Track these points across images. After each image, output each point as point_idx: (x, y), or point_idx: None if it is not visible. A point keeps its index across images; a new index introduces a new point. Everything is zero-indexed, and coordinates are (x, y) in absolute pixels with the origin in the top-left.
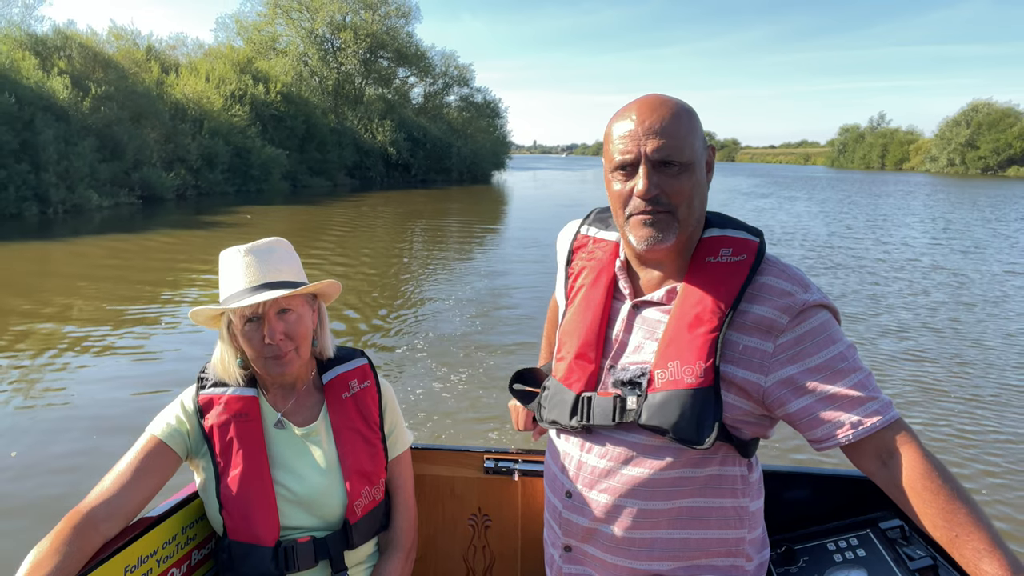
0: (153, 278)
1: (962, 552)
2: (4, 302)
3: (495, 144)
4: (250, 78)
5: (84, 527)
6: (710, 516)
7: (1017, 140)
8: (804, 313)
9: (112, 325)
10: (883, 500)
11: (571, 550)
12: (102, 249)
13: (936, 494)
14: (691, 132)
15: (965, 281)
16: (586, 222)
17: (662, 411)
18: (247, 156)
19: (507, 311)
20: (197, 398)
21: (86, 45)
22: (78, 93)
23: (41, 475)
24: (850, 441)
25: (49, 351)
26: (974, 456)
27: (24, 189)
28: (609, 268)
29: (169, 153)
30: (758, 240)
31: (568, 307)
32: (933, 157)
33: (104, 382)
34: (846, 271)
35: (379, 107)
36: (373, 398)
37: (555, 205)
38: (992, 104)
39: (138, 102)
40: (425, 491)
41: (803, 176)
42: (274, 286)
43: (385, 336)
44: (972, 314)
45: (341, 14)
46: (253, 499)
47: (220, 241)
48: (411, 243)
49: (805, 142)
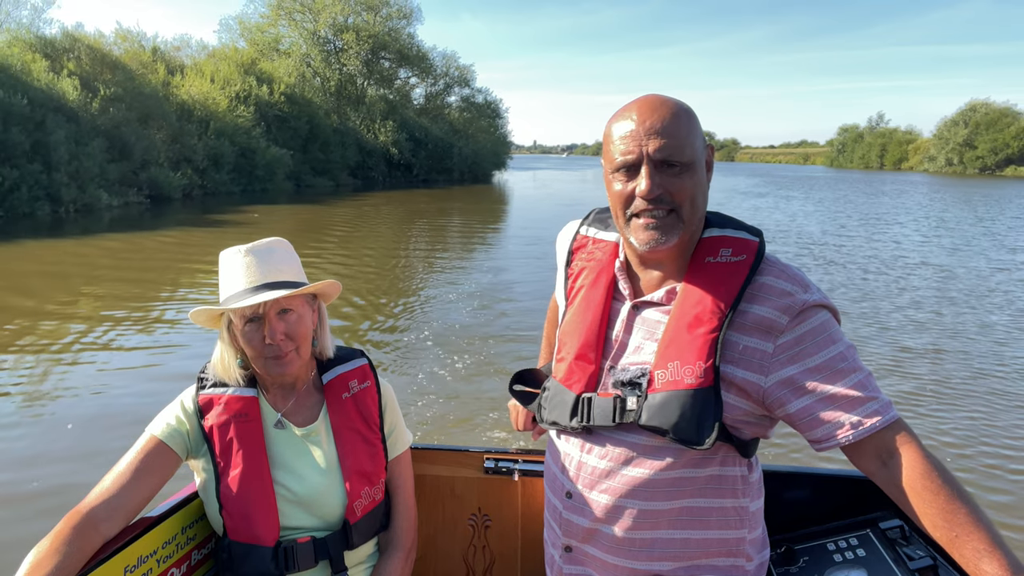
0: (169, 277)
1: (962, 552)
2: (25, 299)
3: (496, 144)
4: (254, 79)
5: (84, 527)
6: (710, 516)
7: (1014, 140)
8: (804, 313)
9: (128, 321)
10: (883, 500)
11: (571, 551)
12: (120, 244)
13: (936, 494)
14: (691, 132)
15: (950, 276)
16: (585, 222)
17: (662, 412)
18: (252, 156)
19: (509, 307)
20: (197, 398)
21: (94, 47)
22: (87, 94)
23: (67, 463)
24: (850, 441)
25: (72, 344)
26: (960, 452)
27: (36, 189)
28: (609, 269)
29: (176, 153)
30: (758, 240)
31: (568, 308)
32: (931, 157)
33: (123, 374)
34: (837, 267)
35: (381, 107)
36: (373, 398)
37: (556, 204)
38: (990, 104)
39: (145, 103)
40: (425, 491)
41: (802, 176)
42: (275, 286)
43: (387, 334)
44: (954, 307)
45: (343, 16)
46: (253, 499)
47: (229, 239)
48: (413, 242)
49: (805, 142)
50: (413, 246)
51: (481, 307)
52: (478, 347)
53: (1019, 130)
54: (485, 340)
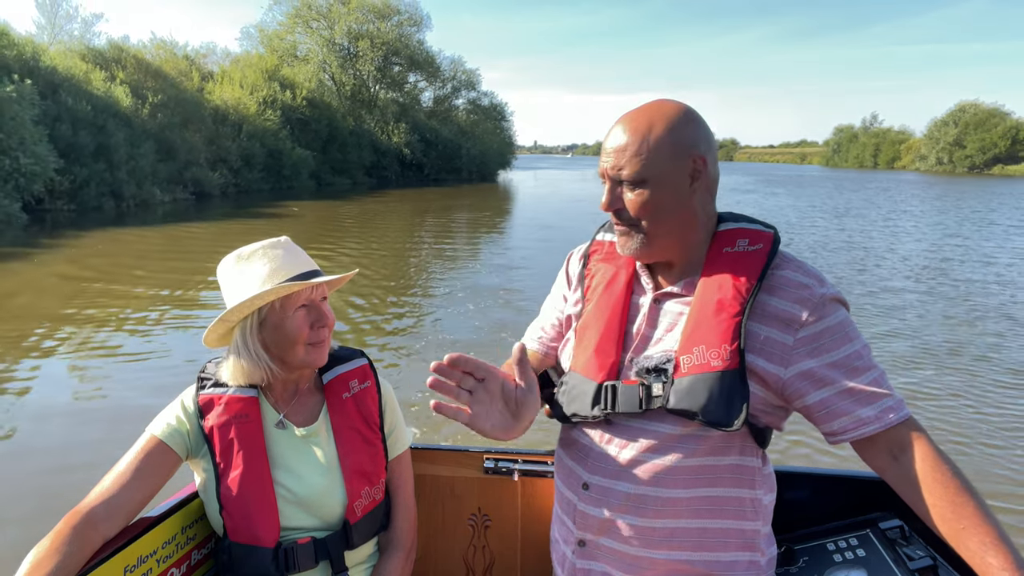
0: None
1: (968, 544)
2: (107, 284)
3: (501, 145)
4: (277, 85)
5: (83, 527)
6: (728, 506)
7: (1001, 139)
8: (823, 308)
9: (188, 305)
10: (883, 500)
11: (585, 545)
12: (182, 232)
13: (945, 486)
14: (657, 148)
15: (870, 256)
16: (601, 230)
17: (691, 394)
18: (280, 157)
19: (516, 301)
20: (197, 398)
21: (139, 57)
22: (137, 101)
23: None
24: (866, 435)
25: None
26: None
27: (102, 186)
28: (629, 264)
29: (212, 154)
30: (772, 232)
31: (586, 305)
32: (923, 156)
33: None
34: (792, 249)
35: (393, 110)
36: (373, 398)
37: (563, 200)
38: (979, 105)
39: (186, 108)
40: (425, 491)
41: (794, 175)
42: (315, 274)
43: (388, 335)
44: (902, 298)
45: (358, 24)
46: (253, 500)
47: (279, 229)
48: (425, 236)
49: (804, 141)
50: (423, 240)
51: (483, 306)
52: (479, 347)
53: (1006, 130)
54: (486, 340)
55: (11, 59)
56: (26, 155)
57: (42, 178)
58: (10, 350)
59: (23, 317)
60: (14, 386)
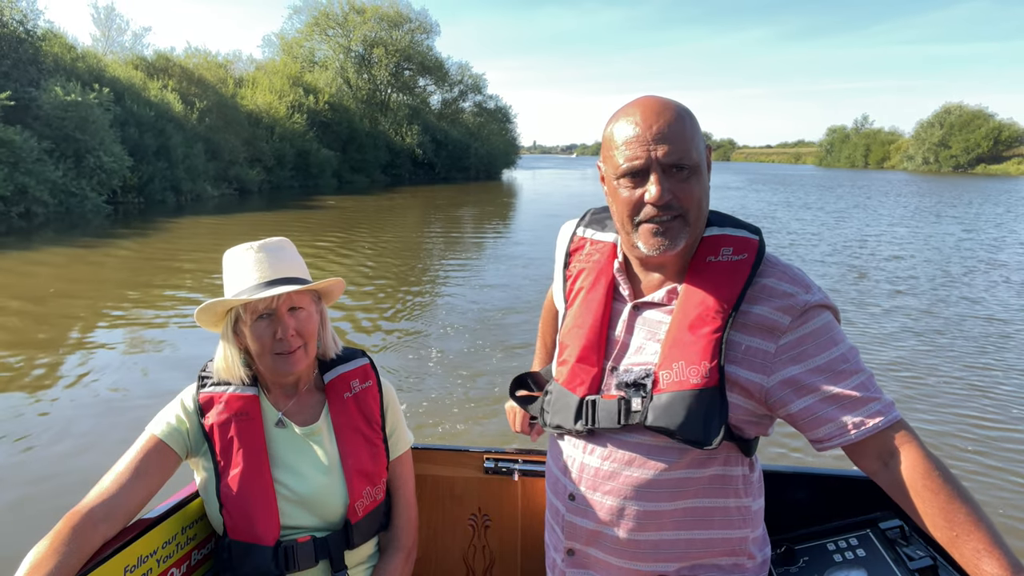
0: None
1: (962, 551)
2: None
3: (506, 145)
4: (301, 90)
5: (83, 527)
6: (714, 516)
7: (984, 140)
8: (806, 314)
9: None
10: (883, 500)
11: (574, 554)
12: (233, 223)
13: (936, 493)
14: (695, 134)
15: (839, 247)
16: (582, 223)
17: (668, 412)
18: (307, 157)
19: (515, 304)
20: (197, 397)
21: (183, 66)
22: (187, 106)
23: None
24: (852, 441)
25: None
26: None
27: (164, 182)
28: (608, 270)
29: (249, 154)
30: (757, 239)
31: (567, 310)
32: (910, 156)
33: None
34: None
35: (405, 113)
36: (375, 398)
37: (565, 195)
38: (963, 107)
39: (226, 112)
40: (425, 491)
41: (785, 174)
42: (286, 282)
43: (388, 334)
44: (863, 285)
45: (372, 32)
46: (253, 498)
47: (320, 220)
48: (434, 231)
49: (802, 142)
50: (432, 237)
51: (485, 306)
52: (480, 346)
53: (988, 131)
54: (487, 340)
55: (81, 70)
56: (106, 154)
57: (119, 174)
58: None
59: (146, 286)
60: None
